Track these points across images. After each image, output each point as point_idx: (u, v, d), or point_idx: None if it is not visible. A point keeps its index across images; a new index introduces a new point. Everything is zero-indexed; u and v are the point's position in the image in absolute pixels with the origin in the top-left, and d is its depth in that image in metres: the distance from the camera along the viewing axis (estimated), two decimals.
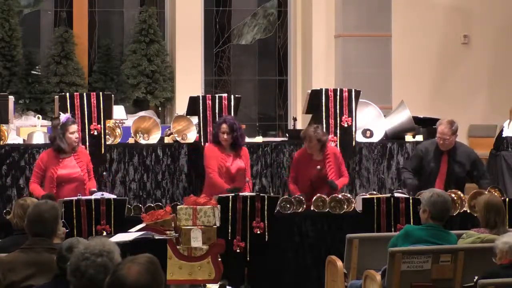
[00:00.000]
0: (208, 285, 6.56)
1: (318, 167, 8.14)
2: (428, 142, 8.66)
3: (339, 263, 6.79)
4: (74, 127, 7.79)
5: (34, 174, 7.80)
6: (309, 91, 9.30)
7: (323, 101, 9.08)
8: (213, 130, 8.37)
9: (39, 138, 9.05)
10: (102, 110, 8.59)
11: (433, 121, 9.95)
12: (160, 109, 13.16)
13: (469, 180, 8.51)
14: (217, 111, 8.84)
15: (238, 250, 7.39)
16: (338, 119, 9.05)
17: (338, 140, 8.99)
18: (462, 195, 8.01)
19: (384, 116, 9.68)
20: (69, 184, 7.68)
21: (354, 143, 9.07)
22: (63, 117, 7.86)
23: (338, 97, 9.10)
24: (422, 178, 8.33)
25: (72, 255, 3.66)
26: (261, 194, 7.55)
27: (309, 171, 8.22)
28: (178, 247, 6.58)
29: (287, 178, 8.56)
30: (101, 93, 8.83)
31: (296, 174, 8.32)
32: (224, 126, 8.10)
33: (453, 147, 8.27)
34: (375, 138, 9.42)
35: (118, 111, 9.70)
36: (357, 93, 9.19)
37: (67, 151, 7.74)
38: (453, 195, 7.91)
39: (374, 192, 8.14)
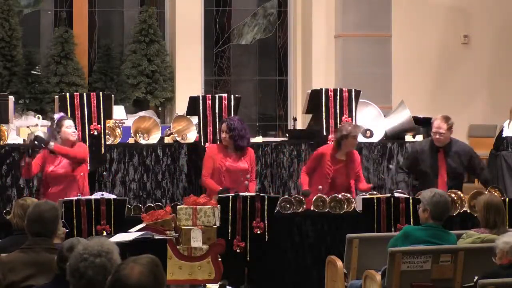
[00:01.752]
0: (208, 285, 6.56)
1: (320, 187, 8.15)
2: (423, 140, 8.68)
3: (339, 263, 6.79)
4: (69, 122, 7.79)
5: (36, 160, 7.77)
6: (309, 91, 9.31)
7: (323, 101, 9.08)
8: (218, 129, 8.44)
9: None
10: (102, 110, 8.59)
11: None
12: (160, 109, 13.16)
13: (467, 176, 8.53)
14: (217, 111, 8.84)
15: (238, 250, 7.39)
16: (338, 119, 9.05)
17: None
18: (462, 195, 8.01)
19: (384, 116, 9.68)
20: (60, 183, 7.68)
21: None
22: (57, 115, 7.86)
23: (338, 97, 9.10)
24: (420, 177, 8.34)
25: (71, 255, 3.66)
26: (261, 194, 7.55)
27: (330, 169, 8.22)
28: (178, 247, 6.58)
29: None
30: (101, 93, 8.83)
31: (313, 168, 8.32)
32: (223, 125, 8.12)
33: (448, 143, 8.28)
34: (375, 138, 9.42)
35: (118, 111, 9.70)
36: (357, 93, 9.19)
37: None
38: (453, 195, 7.91)
39: (374, 192, 8.14)
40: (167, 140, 9.00)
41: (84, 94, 8.73)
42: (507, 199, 7.60)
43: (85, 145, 8.12)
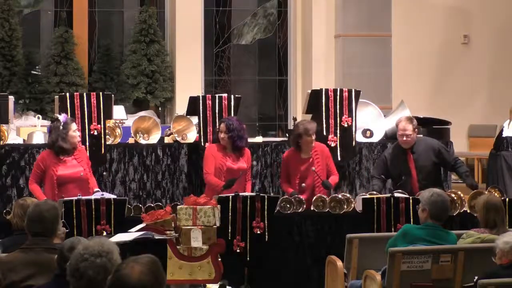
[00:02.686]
0: (208, 285, 6.56)
1: (303, 184, 8.15)
2: (391, 146, 8.71)
3: (339, 263, 6.79)
4: (75, 126, 7.80)
5: (33, 174, 7.76)
6: (309, 91, 9.30)
7: (323, 101, 9.08)
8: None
9: (39, 138, 9.05)
10: (102, 110, 8.59)
11: (433, 121, 9.96)
12: (160, 109, 13.17)
13: (439, 170, 8.54)
14: (217, 111, 8.84)
15: (238, 250, 7.39)
16: (338, 119, 9.05)
17: (338, 140, 8.99)
18: (462, 195, 8.02)
19: (384, 116, 9.68)
20: (72, 184, 7.66)
21: (354, 143, 9.07)
22: (62, 117, 7.84)
23: (338, 97, 9.10)
24: (396, 182, 8.36)
25: (71, 255, 3.66)
26: (261, 194, 7.55)
27: (298, 170, 8.22)
28: (178, 247, 6.58)
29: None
30: (101, 93, 8.83)
31: (287, 174, 8.33)
32: (222, 125, 8.12)
33: (414, 144, 8.32)
34: (375, 138, 9.42)
35: (118, 111, 9.70)
36: (357, 93, 9.19)
37: (69, 152, 7.71)
38: (453, 195, 7.92)
39: (374, 192, 8.14)
40: (167, 140, 9.00)
41: (84, 94, 8.73)
42: (507, 199, 7.60)
43: (83, 149, 8.09)
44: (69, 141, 7.68)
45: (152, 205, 7.95)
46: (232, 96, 9.00)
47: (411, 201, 7.60)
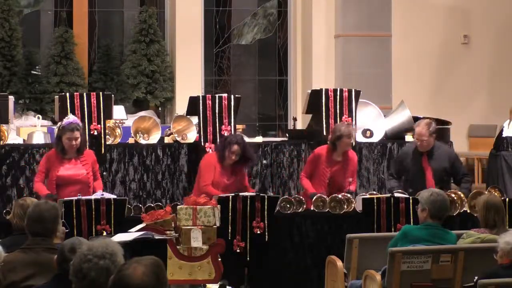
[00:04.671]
0: (208, 285, 6.56)
1: (350, 179, 8.21)
2: (408, 145, 8.72)
3: (339, 263, 6.79)
4: (73, 134, 7.60)
5: (38, 173, 7.75)
6: (309, 91, 9.31)
7: (323, 101, 9.08)
8: (220, 146, 8.13)
9: (39, 138, 9.05)
10: (102, 110, 8.59)
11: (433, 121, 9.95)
12: (160, 109, 13.16)
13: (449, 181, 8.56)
14: (217, 111, 8.85)
15: (238, 250, 7.39)
16: (338, 119, 9.05)
17: None
18: (462, 195, 8.02)
19: (384, 116, 9.69)
20: (72, 186, 7.63)
21: (354, 143, 9.07)
22: (68, 120, 7.76)
23: (338, 97, 9.10)
24: (408, 181, 8.36)
25: (75, 255, 3.66)
26: (261, 194, 7.55)
27: (328, 169, 8.21)
28: (178, 247, 6.58)
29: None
30: (101, 93, 8.84)
31: (312, 171, 8.32)
32: (235, 148, 7.90)
33: (431, 148, 8.30)
34: (375, 138, 9.42)
35: (118, 111, 9.70)
36: (357, 93, 9.20)
37: (66, 155, 7.68)
38: (453, 195, 7.92)
39: (374, 192, 8.14)
40: (167, 140, 9.00)
41: (84, 94, 8.73)
42: (507, 199, 7.60)
43: (91, 152, 8.01)
44: (62, 145, 7.63)
45: (152, 205, 7.95)
46: (232, 96, 9.00)
47: (411, 201, 7.61)
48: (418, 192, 7.71)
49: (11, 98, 9.06)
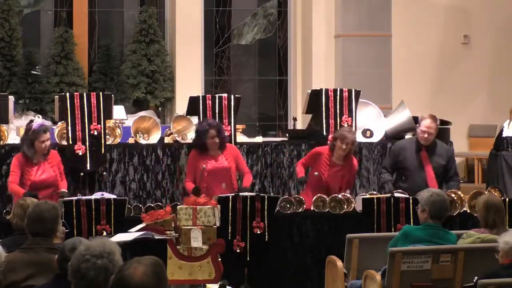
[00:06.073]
0: (208, 285, 6.56)
1: (316, 173, 8.15)
2: (405, 140, 8.73)
3: (339, 263, 6.79)
4: (45, 136, 7.65)
5: (13, 175, 7.66)
6: (309, 91, 9.31)
7: (323, 101, 9.08)
8: (197, 136, 8.28)
9: None
10: (102, 110, 8.59)
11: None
12: (160, 109, 13.16)
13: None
14: (217, 111, 8.85)
15: (238, 250, 7.39)
16: (338, 119, 9.05)
17: None
18: (462, 195, 8.02)
19: (384, 116, 9.68)
20: (45, 190, 7.59)
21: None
22: (37, 122, 7.76)
23: (338, 97, 9.10)
24: (403, 176, 8.35)
25: (73, 256, 3.66)
26: (261, 194, 7.55)
27: (325, 170, 8.20)
28: (178, 247, 6.58)
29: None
30: (101, 93, 8.83)
31: (309, 165, 8.32)
32: (213, 132, 8.06)
33: (433, 144, 8.34)
34: (375, 138, 9.42)
35: (118, 111, 9.70)
36: (357, 93, 9.19)
37: (33, 160, 7.66)
38: (453, 195, 7.92)
39: (374, 192, 8.14)
40: (167, 140, 9.00)
41: (84, 94, 8.73)
42: (507, 199, 7.61)
43: (56, 152, 7.95)
44: (34, 150, 7.62)
45: (152, 205, 7.95)
46: (232, 96, 9.01)
47: (411, 201, 7.61)
48: (418, 192, 7.74)
49: (11, 98, 9.06)
